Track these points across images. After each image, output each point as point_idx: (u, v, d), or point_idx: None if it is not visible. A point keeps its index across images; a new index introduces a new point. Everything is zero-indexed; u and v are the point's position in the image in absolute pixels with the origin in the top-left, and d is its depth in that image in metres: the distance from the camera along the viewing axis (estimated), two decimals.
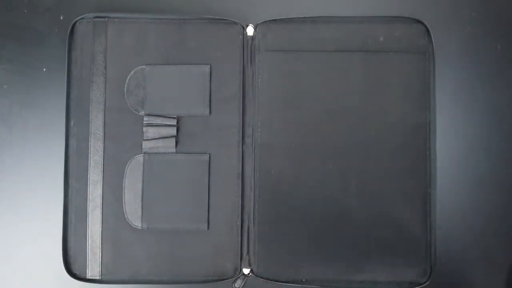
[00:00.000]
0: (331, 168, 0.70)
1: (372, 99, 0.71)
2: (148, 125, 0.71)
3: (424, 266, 0.70)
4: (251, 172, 0.71)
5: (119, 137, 0.71)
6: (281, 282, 0.70)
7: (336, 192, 0.70)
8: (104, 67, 0.72)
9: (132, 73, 0.71)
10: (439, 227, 0.71)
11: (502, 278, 0.74)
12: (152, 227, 0.70)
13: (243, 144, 0.72)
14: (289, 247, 0.70)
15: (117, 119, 0.71)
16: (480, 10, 0.76)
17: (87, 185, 0.70)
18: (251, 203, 0.71)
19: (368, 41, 0.71)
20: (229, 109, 0.71)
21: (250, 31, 0.72)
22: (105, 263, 0.70)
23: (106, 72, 0.72)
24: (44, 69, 0.75)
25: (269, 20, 0.72)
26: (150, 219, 0.70)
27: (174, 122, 0.71)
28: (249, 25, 0.72)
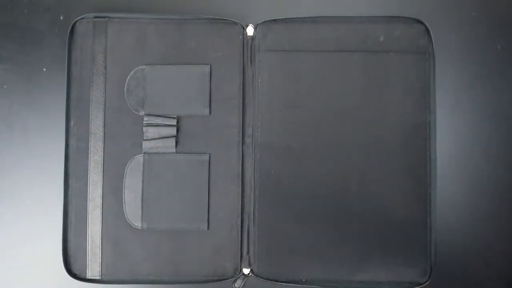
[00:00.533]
0: (331, 168, 0.70)
1: (372, 99, 0.71)
2: (148, 125, 0.71)
3: (424, 266, 0.70)
4: (251, 172, 0.71)
5: (119, 137, 0.71)
6: (281, 282, 0.70)
7: (336, 192, 0.70)
8: (104, 67, 0.72)
9: (132, 73, 0.71)
10: (439, 227, 0.71)
11: (502, 278, 0.74)
12: (152, 227, 0.70)
13: (243, 144, 0.72)
14: (289, 247, 0.70)
15: (117, 119, 0.71)
16: (480, 10, 0.76)
17: (87, 185, 0.70)
18: (251, 203, 0.71)
19: (368, 41, 0.71)
20: (229, 109, 0.71)
21: (250, 31, 0.72)
22: (105, 263, 0.70)
23: (106, 72, 0.72)
24: (44, 69, 0.75)
25: (269, 20, 0.72)
26: (150, 219, 0.70)
27: (174, 122, 0.71)
28: (249, 25, 0.72)
